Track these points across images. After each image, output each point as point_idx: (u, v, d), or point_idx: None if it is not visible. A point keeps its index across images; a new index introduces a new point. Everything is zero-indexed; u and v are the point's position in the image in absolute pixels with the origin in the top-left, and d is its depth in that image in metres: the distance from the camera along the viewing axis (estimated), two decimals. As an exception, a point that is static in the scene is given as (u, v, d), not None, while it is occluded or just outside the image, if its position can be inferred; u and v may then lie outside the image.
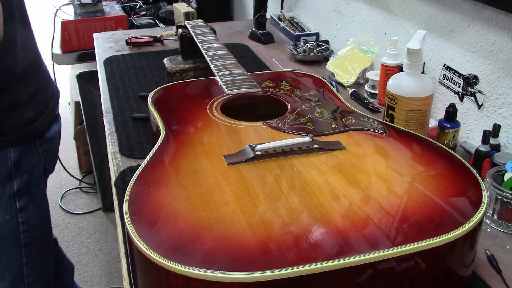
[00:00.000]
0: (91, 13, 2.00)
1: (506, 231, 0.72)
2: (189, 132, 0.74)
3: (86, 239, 2.03)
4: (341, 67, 1.23)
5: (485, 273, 0.64)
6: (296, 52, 1.38)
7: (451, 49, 0.98)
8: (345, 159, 0.66)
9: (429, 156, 0.67)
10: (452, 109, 0.85)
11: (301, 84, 0.94)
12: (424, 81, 0.87)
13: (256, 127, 0.75)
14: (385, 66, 1.06)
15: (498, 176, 0.74)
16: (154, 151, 0.68)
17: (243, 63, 1.22)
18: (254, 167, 0.63)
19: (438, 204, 0.56)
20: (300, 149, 0.67)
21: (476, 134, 0.94)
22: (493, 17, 0.86)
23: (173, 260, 0.47)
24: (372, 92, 1.14)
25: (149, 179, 0.61)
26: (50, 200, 2.24)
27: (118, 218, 0.75)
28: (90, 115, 1.97)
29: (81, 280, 1.82)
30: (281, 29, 1.64)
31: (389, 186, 0.59)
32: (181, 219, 0.53)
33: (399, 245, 0.50)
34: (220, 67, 0.96)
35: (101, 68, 1.34)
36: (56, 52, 1.90)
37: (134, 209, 0.55)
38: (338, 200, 0.57)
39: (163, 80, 1.22)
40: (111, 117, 1.05)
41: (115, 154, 0.92)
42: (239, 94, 0.87)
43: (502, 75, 0.86)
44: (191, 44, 1.13)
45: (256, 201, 0.56)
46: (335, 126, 0.75)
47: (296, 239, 0.50)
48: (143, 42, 1.51)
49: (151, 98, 0.87)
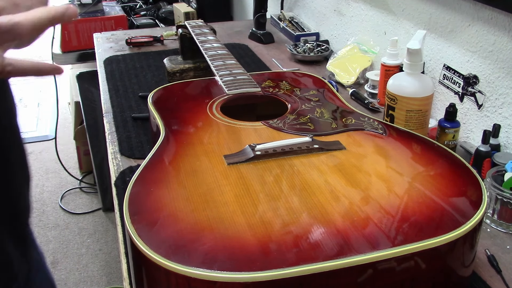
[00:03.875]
0: (91, 13, 2.00)
1: (506, 231, 0.72)
2: (189, 132, 0.74)
3: (86, 239, 2.03)
4: (341, 67, 1.23)
5: (485, 273, 0.64)
6: (296, 52, 1.38)
7: (451, 49, 0.98)
8: (345, 159, 0.66)
9: (429, 156, 0.67)
10: (452, 109, 0.85)
11: (301, 84, 0.94)
12: (424, 81, 0.87)
13: (256, 127, 0.75)
14: (385, 66, 1.06)
15: (498, 176, 0.74)
16: (154, 151, 0.68)
17: (243, 63, 1.22)
18: (254, 167, 0.63)
19: (438, 204, 0.56)
20: (300, 149, 0.67)
21: (476, 134, 0.94)
22: (493, 17, 0.86)
23: (173, 260, 0.47)
24: (372, 92, 1.14)
25: (149, 179, 0.61)
26: (50, 200, 2.25)
27: (118, 218, 0.75)
28: (90, 115, 1.97)
29: (81, 280, 1.82)
30: (281, 29, 1.64)
31: (389, 186, 0.59)
32: (181, 219, 0.53)
33: (399, 245, 0.50)
34: (220, 67, 0.96)
35: (101, 68, 1.34)
36: (56, 52, 1.90)
37: (134, 209, 0.55)
38: (338, 200, 0.57)
39: (163, 80, 1.21)
40: (111, 117, 1.05)
41: (115, 154, 0.92)
42: (239, 94, 0.87)
43: (502, 75, 0.86)
44: (191, 44, 1.13)
45: (256, 201, 0.56)
46: (335, 126, 0.75)
47: (296, 239, 0.50)
48: (143, 42, 1.51)
49: (151, 98, 0.87)
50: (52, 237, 2.04)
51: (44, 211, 2.19)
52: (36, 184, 2.37)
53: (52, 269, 1.87)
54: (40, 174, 2.45)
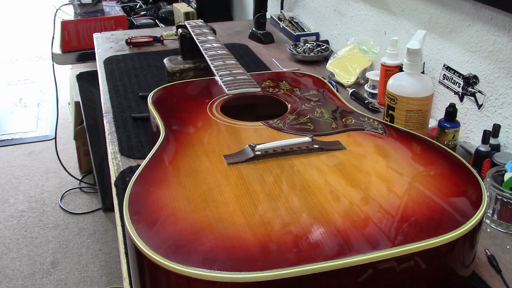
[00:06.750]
0: (91, 13, 2.00)
1: (506, 231, 0.72)
2: (189, 132, 0.74)
3: (86, 239, 2.03)
4: (341, 67, 1.23)
5: (485, 273, 0.64)
6: (296, 52, 1.38)
7: (451, 49, 0.98)
8: (345, 159, 0.66)
9: (429, 156, 0.67)
10: (452, 109, 0.85)
11: (301, 84, 0.94)
12: (424, 81, 0.87)
13: (256, 127, 0.75)
14: (385, 66, 1.06)
15: (498, 176, 0.74)
16: (154, 151, 0.68)
17: (243, 63, 1.22)
18: (254, 167, 0.63)
19: (438, 204, 0.56)
20: (300, 149, 0.67)
21: (476, 134, 0.94)
22: (493, 17, 0.86)
23: (173, 260, 0.47)
24: (372, 92, 1.14)
25: (149, 179, 0.61)
26: (50, 200, 2.25)
27: (118, 218, 0.75)
28: (90, 115, 1.97)
29: (81, 280, 1.82)
30: (281, 29, 1.64)
31: (389, 186, 0.59)
32: (181, 219, 0.53)
33: (399, 245, 0.50)
34: (220, 67, 0.96)
35: (101, 68, 1.34)
36: (56, 52, 1.90)
37: (134, 209, 0.55)
38: (338, 200, 0.57)
39: (163, 80, 1.22)
40: (111, 117, 1.05)
41: (115, 154, 0.92)
42: (239, 94, 0.87)
43: (502, 75, 0.86)
44: (191, 44, 1.13)
45: (256, 201, 0.56)
46: (335, 126, 0.75)
47: (296, 239, 0.50)
48: (143, 42, 1.51)
49: (151, 98, 0.87)
50: (52, 237, 2.04)
51: (44, 211, 2.19)
52: (36, 184, 2.37)
53: (52, 269, 1.87)
54: (40, 174, 2.45)
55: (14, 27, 4.75)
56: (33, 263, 1.90)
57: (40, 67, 3.77)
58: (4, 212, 2.18)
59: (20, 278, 1.83)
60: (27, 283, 1.81)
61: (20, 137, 2.80)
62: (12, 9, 5.27)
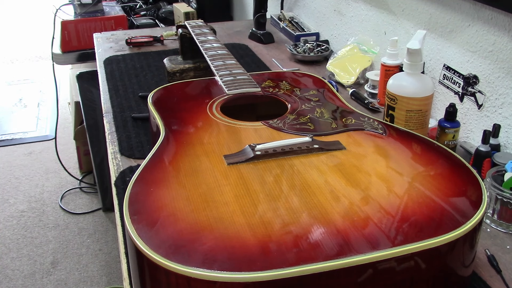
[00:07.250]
0: (91, 13, 2.00)
1: (506, 231, 0.72)
2: (189, 132, 0.74)
3: (86, 239, 2.03)
4: (341, 67, 1.23)
5: (485, 273, 0.64)
6: (296, 52, 1.38)
7: (451, 49, 0.98)
8: (345, 159, 0.66)
9: (429, 156, 0.67)
10: (452, 109, 0.85)
11: (301, 84, 0.94)
12: (424, 81, 0.87)
13: (256, 127, 0.75)
14: (385, 66, 1.06)
15: (498, 176, 0.74)
16: (154, 151, 0.68)
17: (243, 63, 1.22)
18: (254, 167, 0.63)
19: (438, 204, 0.56)
20: (300, 149, 0.67)
21: (476, 134, 0.94)
22: (493, 17, 0.86)
23: (173, 260, 0.47)
24: (372, 92, 1.14)
25: (149, 179, 0.61)
26: (50, 200, 2.25)
27: (118, 218, 0.75)
28: (90, 115, 1.97)
29: (81, 280, 1.82)
30: (281, 29, 1.64)
31: (389, 186, 0.59)
32: (181, 219, 0.53)
33: (399, 245, 0.50)
34: (220, 67, 0.96)
35: (101, 68, 1.34)
36: (56, 52, 1.90)
37: (134, 209, 0.55)
38: (338, 200, 0.57)
39: (163, 80, 1.22)
40: (111, 117, 1.05)
41: (115, 154, 0.92)
42: (239, 94, 0.87)
43: (502, 75, 0.86)
44: (191, 44, 1.13)
45: (256, 201, 0.56)
46: (335, 126, 0.75)
47: (296, 239, 0.50)
48: (143, 42, 1.51)
49: (151, 98, 0.87)
50: (52, 237, 2.04)
51: (44, 211, 2.19)
52: (36, 184, 2.37)
53: (52, 269, 1.87)
54: (40, 174, 2.45)
55: (14, 27, 4.75)
56: (33, 263, 1.90)
57: (40, 67, 3.77)
58: (4, 212, 2.18)
59: (20, 278, 1.83)
60: (27, 283, 1.81)
61: (20, 137, 2.80)
62: (12, 9, 5.27)
